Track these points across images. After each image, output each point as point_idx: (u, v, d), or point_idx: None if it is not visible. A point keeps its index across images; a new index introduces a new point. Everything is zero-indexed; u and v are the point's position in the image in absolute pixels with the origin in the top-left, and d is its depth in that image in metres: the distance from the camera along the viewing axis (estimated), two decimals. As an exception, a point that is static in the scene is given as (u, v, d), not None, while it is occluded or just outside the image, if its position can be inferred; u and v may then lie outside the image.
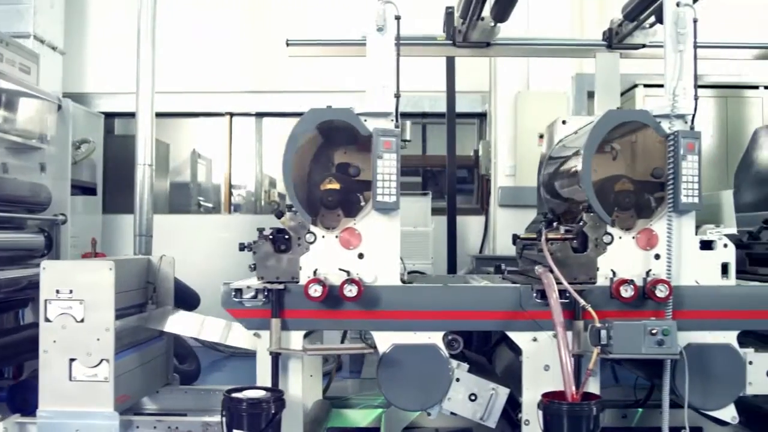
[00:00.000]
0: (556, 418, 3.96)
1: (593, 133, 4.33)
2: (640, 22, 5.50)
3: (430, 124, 9.99)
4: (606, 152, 4.45)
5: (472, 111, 9.29)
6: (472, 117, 9.59)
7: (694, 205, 4.24)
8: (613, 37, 5.56)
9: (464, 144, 9.87)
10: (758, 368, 4.36)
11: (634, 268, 4.29)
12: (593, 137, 4.33)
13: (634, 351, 3.99)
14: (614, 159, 4.52)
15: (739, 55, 6.05)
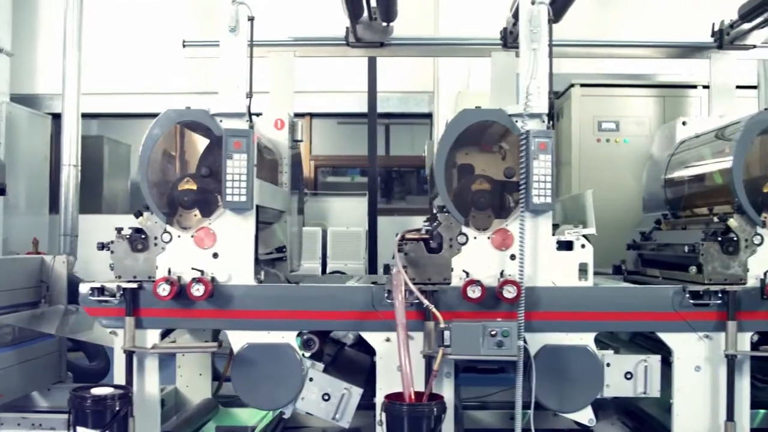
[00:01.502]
0: (396, 419, 3.96)
1: (447, 131, 4.32)
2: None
3: (394, 125, 9.97)
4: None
5: (421, 111, 9.27)
6: (424, 117, 9.57)
7: (547, 205, 4.21)
8: (507, 36, 5.53)
9: (420, 144, 9.87)
10: (615, 370, 4.31)
11: (488, 268, 4.27)
12: (447, 135, 4.31)
13: (472, 352, 3.98)
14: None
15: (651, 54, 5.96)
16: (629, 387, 4.32)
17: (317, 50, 5.57)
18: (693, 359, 4.31)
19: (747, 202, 4.31)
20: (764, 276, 4.27)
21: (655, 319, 4.32)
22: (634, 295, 4.41)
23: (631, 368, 4.32)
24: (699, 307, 4.28)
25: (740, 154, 4.34)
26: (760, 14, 5.24)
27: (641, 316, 4.34)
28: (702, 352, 4.31)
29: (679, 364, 4.32)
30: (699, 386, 4.31)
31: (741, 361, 4.32)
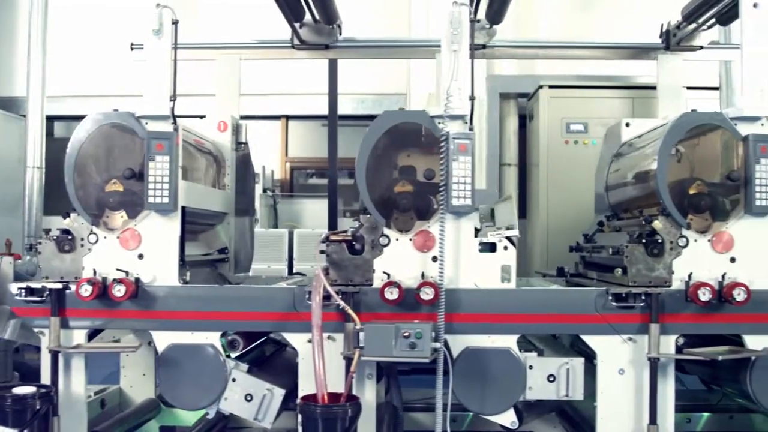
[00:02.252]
0: (311, 420, 3.98)
1: (369, 133, 4.32)
2: (485, 23, 5.45)
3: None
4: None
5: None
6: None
7: (468, 207, 4.20)
8: (452, 37, 5.50)
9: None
10: (538, 373, 4.29)
11: (410, 270, 4.27)
12: (369, 137, 4.32)
13: (385, 353, 3.97)
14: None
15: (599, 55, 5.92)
16: (552, 390, 4.30)
17: (263, 53, 5.60)
18: (616, 362, 4.29)
19: (671, 204, 4.28)
20: (689, 278, 4.24)
21: (578, 322, 4.30)
22: (557, 298, 4.40)
23: (554, 371, 4.30)
24: (622, 309, 4.26)
25: (664, 155, 4.31)
26: (702, 15, 5.20)
27: (564, 319, 4.32)
28: (626, 354, 4.28)
29: (603, 367, 4.30)
30: (623, 389, 4.28)
31: (665, 364, 4.30)
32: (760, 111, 4.29)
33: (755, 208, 4.24)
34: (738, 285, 4.14)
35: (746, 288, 4.13)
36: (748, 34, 4.30)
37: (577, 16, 9.09)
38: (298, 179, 9.64)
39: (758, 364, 4.28)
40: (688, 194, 4.35)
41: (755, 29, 4.29)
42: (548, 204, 7.92)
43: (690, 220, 4.31)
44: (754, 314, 4.26)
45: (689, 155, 4.46)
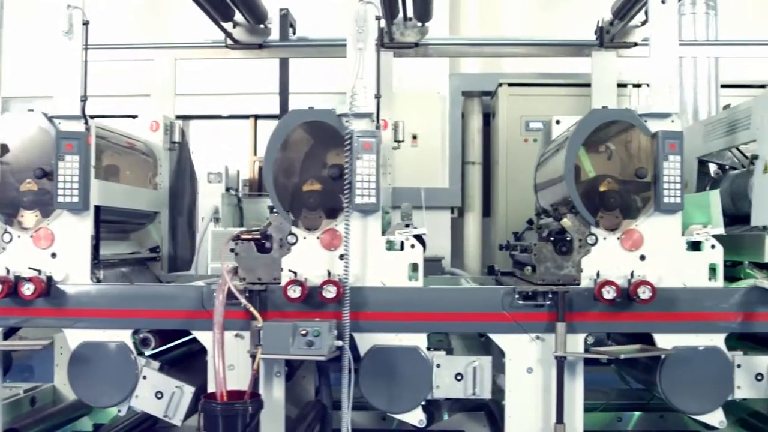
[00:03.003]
0: (211, 417, 3.99)
1: (275, 133, 4.33)
2: (416, 21, 5.44)
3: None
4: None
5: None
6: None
7: (372, 205, 4.20)
8: (383, 36, 5.50)
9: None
10: (446, 371, 4.28)
11: (317, 268, 4.28)
12: (275, 137, 4.33)
13: (283, 351, 3.98)
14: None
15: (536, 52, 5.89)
16: (460, 388, 4.28)
17: (197, 53, 5.63)
18: (525, 361, 4.27)
19: (579, 201, 4.25)
20: (597, 276, 4.21)
21: (487, 320, 4.29)
22: (465, 296, 4.39)
23: (461, 369, 4.28)
24: (530, 308, 4.24)
25: (572, 152, 4.29)
26: (630, 12, 5.16)
27: (473, 317, 4.31)
28: (534, 353, 4.26)
29: (511, 366, 4.28)
30: (531, 388, 4.26)
31: (573, 362, 4.27)
32: (669, 108, 4.25)
33: (663, 205, 4.20)
34: (643, 283, 4.10)
35: (651, 286, 4.09)
36: (656, 31, 4.26)
37: (541, 15, 9.03)
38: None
39: (667, 362, 4.24)
40: (599, 192, 4.33)
41: (663, 26, 4.25)
42: (508, 202, 7.90)
43: (600, 217, 4.29)
44: (663, 312, 4.23)
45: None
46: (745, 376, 4.28)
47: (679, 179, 4.20)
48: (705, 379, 4.23)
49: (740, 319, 4.26)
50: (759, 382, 4.29)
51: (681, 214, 4.27)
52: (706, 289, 4.26)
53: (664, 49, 4.25)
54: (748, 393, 4.30)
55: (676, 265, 4.26)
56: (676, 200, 4.20)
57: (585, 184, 4.35)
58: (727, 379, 4.24)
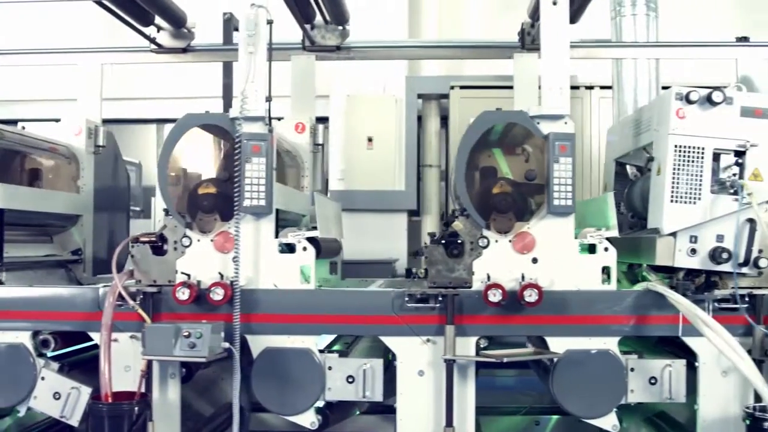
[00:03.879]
0: (97, 418, 4.04)
1: (169, 137, 4.37)
2: (337, 24, 5.46)
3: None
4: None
5: (319, 115, 9.28)
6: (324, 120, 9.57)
7: (262, 207, 4.22)
8: (305, 40, 5.53)
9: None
10: (337, 374, 4.28)
11: (210, 270, 4.30)
12: (168, 141, 4.36)
13: (165, 353, 4.01)
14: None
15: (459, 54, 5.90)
16: (351, 390, 4.29)
17: (123, 57, 5.69)
18: (416, 364, 4.26)
19: (469, 203, 4.24)
20: (487, 279, 4.20)
21: (377, 323, 4.29)
22: (356, 299, 4.40)
23: (353, 372, 4.29)
24: (420, 310, 4.23)
25: (462, 154, 4.28)
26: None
27: (364, 320, 4.31)
28: (425, 356, 4.25)
29: (403, 369, 4.27)
30: (422, 391, 4.25)
31: (465, 366, 4.26)
32: (560, 109, 4.23)
33: (554, 207, 4.18)
34: (530, 286, 4.08)
35: (538, 289, 4.07)
36: (547, 32, 4.24)
37: (501, 15, 8.97)
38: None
39: (559, 366, 4.22)
40: (491, 194, 4.32)
41: (554, 27, 4.24)
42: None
43: (493, 220, 4.27)
44: (555, 315, 4.21)
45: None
46: (638, 380, 4.24)
47: (571, 181, 4.18)
48: (597, 383, 4.20)
49: (633, 322, 4.23)
50: (653, 385, 4.25)
51: (573, 216, 4.25)
52: (599, 292, 4.24)
53: (555, 50, 4.24)
54: (642, 397, 4.27)
55: (568, 268, 4.23)
56: (568, 203, 4.18)
57: (480, 187, 4.35)
58: (620, 382, 4.21)
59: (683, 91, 4.09)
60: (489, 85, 7.86)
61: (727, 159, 4.10)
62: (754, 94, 4.18)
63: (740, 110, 4.11)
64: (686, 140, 4.08)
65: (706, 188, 4.08)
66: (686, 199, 4.08)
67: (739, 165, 4.07)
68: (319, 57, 5.51)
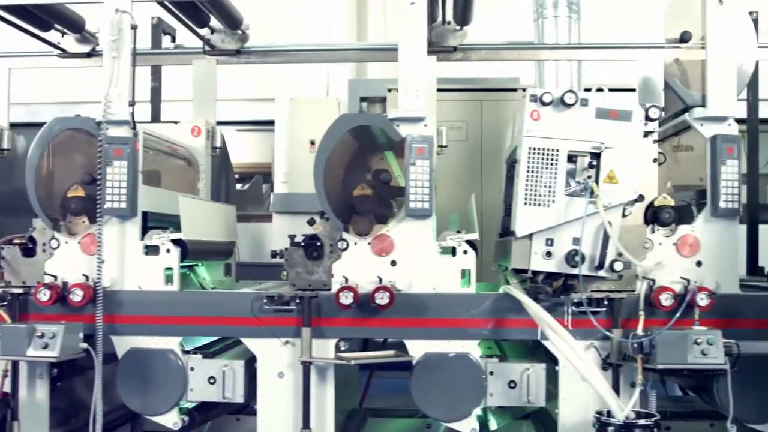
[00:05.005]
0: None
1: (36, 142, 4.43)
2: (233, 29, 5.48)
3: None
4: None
5: (264, 119, 9.37)
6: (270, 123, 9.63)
7: (122, 210, 4.27)
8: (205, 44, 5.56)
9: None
10: (199, 374, 4.33)
11: (77, 271, 4.35)
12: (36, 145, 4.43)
13: (18, 353, 4.06)
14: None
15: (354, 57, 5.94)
16: (214, 391, 4.33)
17: (31, 62, 5.76)
18: (276, 365, 4.28)
19: (327, 206, 4.26)
20: (345, 281, 4.20)
21: (238, 325, 4.32)
22: (218, 301, 4.44)
23: (215, 373, 4.32)
24: (279, 312, 4.25)
25: (321, 157, 4.30)
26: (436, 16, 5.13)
27: (226, 321, 4.34)
28: (285, 358, 4.28)
29: (263, 370, 4.30)
30: (282, 392, 4.27)
31: (324, 368, 4.27)
32: (418, 111, 4.23)
33: (410, 210, 4.18)
34: (381, 289, 4.08)
35: (390, 292, 4.07)
36: (404, 34, 4.25)
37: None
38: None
39: (417, 369, 4.21)
40: (353, 196, 4.33)
41: (411, 29, 4.24)
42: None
43: (354, 222, 4.28)
44: (412, 318, 4.20)
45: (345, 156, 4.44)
46: (498, 384, 4.23)
47: (428, 184, 4.17)
48: (455, 386, 4.19)
49: (492, 325, 4.21)
50: (512, 389, 4.23)
51: (433, 219, 4.24)
52: (457, 295, 4.23)
53: (411, 52, 4.24)
54: (501, 400, 4.25)
55: (427, 271, 4.23)
56: (425, 205, 4.17)
57: (342, 189, 4.36)
58: (478, 386, 4.19)
59: (537, 92, 4.06)
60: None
61: (583, 161, 4.07)
62: (611, 95, 4.11)
63: (595, 112, 4.06)
64: (540, 142, 4.05)
65: (561, 191, 4.04)
66: (540, 201, 4.04)
67: (593, 167, 4.03)
68: (220, 61, 5.55)
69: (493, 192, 6.04)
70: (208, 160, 5.42)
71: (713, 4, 4.19)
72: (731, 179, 4.17)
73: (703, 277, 4.17)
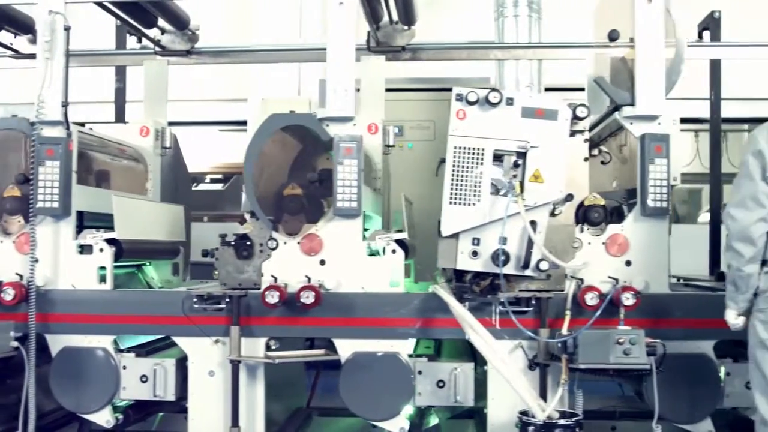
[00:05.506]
0: None
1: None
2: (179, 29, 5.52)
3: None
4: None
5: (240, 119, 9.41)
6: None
7: (54, 209, 4.30)
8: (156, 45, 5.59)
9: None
10: (131, 373, 4.35)
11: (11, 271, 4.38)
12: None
13: (-53, 351, 4.12)
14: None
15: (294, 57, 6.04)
16: (146, 390, 4.35)
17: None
18: (207, 364, 4.30)
19: (256, 205, 4.28)
20: (274, 281, 4.21)
21: (169, 323, 4.34)
22: (149, 300, 4.47)
23: (147, 371, 4.35)
24: (209, 311, 4.27)
25: (250, 156, 4.31)
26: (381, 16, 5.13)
27: (156, 320, 4.37)
28: (216, 356, 4.29)
29: (194, 369, 4.32)
30: (213, 391, 4.29)
31: (254, 366, 4.29)
32: (347, 111, 4.24)
33: (338, 210, 4.19)
34: (307, 288, 4.09)
35: (315, 291, 4.08)
36: (333, 34, 4.25)
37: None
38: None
39: (345, 368, 4.22)
40: (283, 195, 4.34)
41: (339, 28, 4.24)
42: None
43: (285, 222, 4.30)
44: (341, 318, 4.21)
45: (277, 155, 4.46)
46: (426, 383, 4.23)
47: (356, 183, 4.17)
48: (383, 386, 4.19)
49: (420, 325, 4.21)
50: (440, 388, 4.23)
51: (362, 218, 4.25)
52: (385, 295, 4.23)
53: (339, 52, 4.24)
54: (430, 400, 4.25)
55: (355, 270, 4.24)
56: (353, 205, 4.18)
57: (273, 189, 4.38)
58: (407, 385, 4.19)
59: (463, 91, 4.05)
60: (392, 87, 7.86)
61: (510, 160, 4.05)
62: (538, 94, 4.13)
63: (521, 111, 4.05)
64: (465, 141, 4.04)
65: (486, 190, 4.03)
66: (465, 201, 4.03)
67: (518, 166, 4.02)
68: (171, 62, 5.59)
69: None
70: (157, 160, 5.45)
71: (641, 3, 4.17)
72: (660, 178, 4.15)
73: (632, 277, 4.15)
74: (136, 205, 4.81)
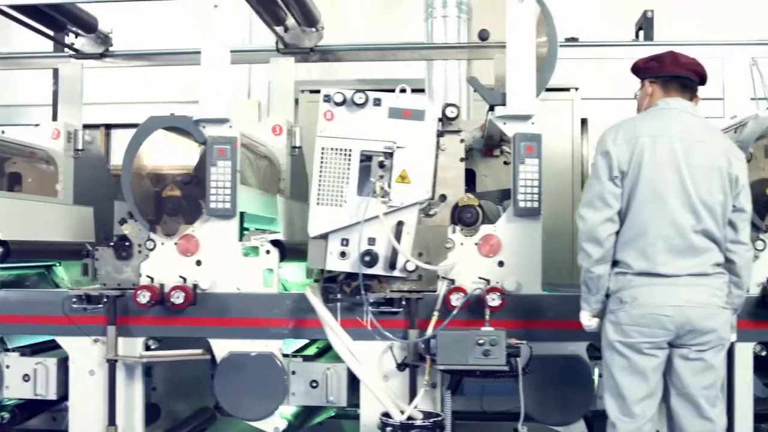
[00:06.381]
0: None
1: None
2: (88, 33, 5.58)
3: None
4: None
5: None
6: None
7: (221, 210, 4.30)
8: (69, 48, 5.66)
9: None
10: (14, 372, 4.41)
11: None
12: None
13: None
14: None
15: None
16: (27, 389, 4.41)
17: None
18: (87, 363, 4.34)
19: (134, 206, 4.31)
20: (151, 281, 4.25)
21: (51, 323, 4.39)
22: (33, 299, 4.49)
23: (29, 370, 4.41)
24: (89, 311, 4.32)
25: (128, 159, 4.34)
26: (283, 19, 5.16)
27: (38, 320, 4.42)
28: (96, 356, 4.33)
29: (75, 368, 4.36)
30: (94, 390, 4.33)
31: (132, 366, 4.33)
32: (222, 113, 4.26)
33: (211, 210, 4.23)
34: (177, 288, 4.13)
35: (185, 291, 4.12)
36: (207, 35, 4.27)
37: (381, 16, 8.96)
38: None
39: (220, 368, 4.24)
40: (161, 198, 4.39)
41: (212, 31, 4.26)
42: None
43: (164, 223, 4.34)
44: (216, 318, 4.24)
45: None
46: (300, 383, 4.24)
47: (229, 184, 4.20)
48: (258, 386, 4.21)
49: (292, 325, 4.23)
50: (314, 389, 4.25)
51: (237, 219, 4.27)
52: (258, 295, 4.25)
53: (213, 54, 4.26)
54: (304, 400, 4.27)
55: (230, 270, 4.26)
56: (226, 206, 4.21)
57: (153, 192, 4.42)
58: (280, 385, 4.21)
59: (330, 92, 4.07)
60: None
61: (376, 161, 4.06)
62: (405, 95, 4.10)
63: (388, 111, 4.06)
64: (333, 142, 4.05)
65: (353, 191, 4.05)
66: (332, 201, 4.05)
67: (383, 167, 4.03)
68: (86, 66, 5.67)
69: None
70: (69, 162, 5.51)
71: (513, 3, 4.15)
72: (531, 178, 4.13)
73: (505, 277, 4.14)
74: (29, 206, 4.87)
